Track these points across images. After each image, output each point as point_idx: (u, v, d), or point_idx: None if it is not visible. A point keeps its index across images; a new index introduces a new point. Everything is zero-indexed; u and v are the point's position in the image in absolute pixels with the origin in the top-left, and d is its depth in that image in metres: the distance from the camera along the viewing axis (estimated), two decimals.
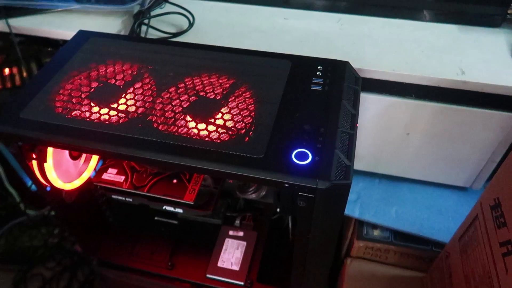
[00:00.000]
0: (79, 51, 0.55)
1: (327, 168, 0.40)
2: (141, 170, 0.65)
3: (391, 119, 0.68)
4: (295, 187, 0.40)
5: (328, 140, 0.43)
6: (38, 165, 0.53)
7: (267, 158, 0.41)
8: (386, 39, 0.65)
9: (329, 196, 0.40)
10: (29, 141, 0.47)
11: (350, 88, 0.49)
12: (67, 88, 0.50)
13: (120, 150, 0.43)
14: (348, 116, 0.46)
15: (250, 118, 0.45)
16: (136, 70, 0.52)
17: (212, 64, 0.53)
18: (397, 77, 0.61)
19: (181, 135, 0.44)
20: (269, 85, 0.49)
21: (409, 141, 0.71)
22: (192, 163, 0.41)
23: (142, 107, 0.47)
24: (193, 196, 0.62)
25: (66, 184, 0.58)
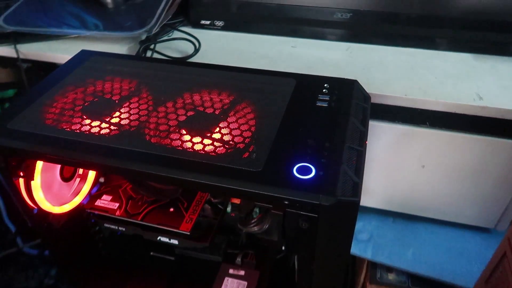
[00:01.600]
0: (79, 68, 0.54)
1: (332, 183, 0.36)
2: (136, 197, 0.62)
3: (405, 150, 0.64)
4: (296, 204, 0.35)
5: (334, 155, 0.39)
6: (25, 183, 0.50)
7: (266, 172, 0.37)
8: (397, 66, 0.63)
9: (335, 215, 0.36)
10: (14, 152, 0.44)
11: (359, 105, 0.46)
12: (60, 101, 0.48)
13: (107, 161, 0.40)
14: (356, 132, 0.43)
15: (249, 132, 0.42)
16: (134, 86, 0.50)
17: (213, 81, 0.50)
18: (409, 102, 0.57)
19: (174, 148, 0.41)
20: (271, 101, 0.46)
21: (424, 175, 0.66)
22: (182, 175, 0.38)
23: (136, 120, 0.45)
24: (190, 226, 0.57)
25: (54, 207, 0.54)
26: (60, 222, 0.56)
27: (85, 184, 0.60)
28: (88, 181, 0.60)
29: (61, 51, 0.69)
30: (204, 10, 0.73)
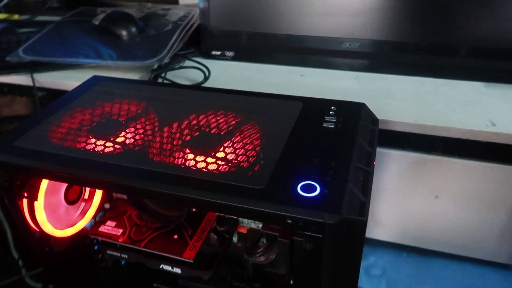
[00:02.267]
0: (89, 91, 0.55)
1: (337, 201, 0.34)
2: (141, 224, 0.60)
3: (417, 179, 0.62)
4: (299, 222, 0.34)
5: (339, 173, 0.37)
6: (28, 204, 0.49)
7: (269, 189, 0.36)
8: (407, 94, 0.62)
9: (341, 235, 0.34)
10: (18, 169, 0.44)
11: (366, 127, 0.45)
12: (68, 121, 0.48)
13: (110, 178, 0.39)
14: (363, 153, 0.41)
15: (253, 151, 0.41)
16: (142, 108, 0.51)
17: (220, 104, 0.50)
18: (420, 129, 0.56)
19: (177, 166, 0.40)
20: (277, 123, 0.46)
21: (438, 206, 0.63)
22: (184, 192, 0.37)
23: (141, 140, 0.44)
24: (194, 253, 0.55)
25: (56, 230, 0.53)
26: (62, 246, 0.54)
27: (90, 208, 0.59)
28: (93, 205, 0.60)
29: (75, 80, 0.71)
30: (215, 41, 0.75)
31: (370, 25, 0.67)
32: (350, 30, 0.67)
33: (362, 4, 0.66)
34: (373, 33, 0.66)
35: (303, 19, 0.69)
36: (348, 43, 0.68)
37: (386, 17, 0.66)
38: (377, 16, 0.66)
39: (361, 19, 0.67)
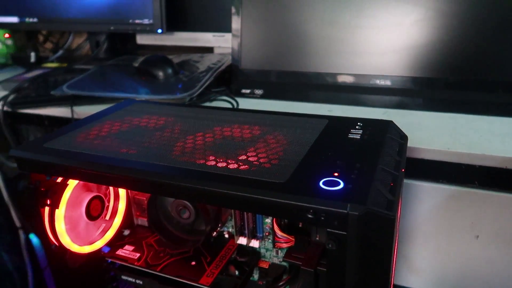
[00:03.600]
0: (120, 110, 0.57)
1: (362, 194, 0.32)
2: (159, 249, 0.58)
3: (453, 216, 0.58)
4: (321, 216, 0.32)
5: (365, 173, 0.35)
6: (49, 213, 0.49)
7: (290, 183, 0.34)
8: (438, 127, 0.61)
9: (366, 231, 0.31)
10: (45, 168, 0.44)
11: (394, 140, 0.44)
12: (97, 130, 0.50)
13: (131, 173, 0.39)
14: (391, 160, 0.40)
15: (276, 155, 0.40)
16: (170, 122, 0.52)
17: (245, 120, 0.51)
18: (453, 157, 0.54)
19: (199, 164, 0.39)
20: (301, 134, 0.45)
21: (479, 248, 0.58)
22: (202, 184, 0.36)
23: (165, 143, 0.45)
24: (211, 280, 0.52)
25: (74, 244, 0.52)
26: (77, 262, 0.53)
27: (110, 229, 0.58)
28: (113, 227, 0.59)
29: None
30: (245, 80, 0.78)
31: (399, 62, 0.68)
32: (378, 67, 0.68)
33: (391, 43, 0.68)
34: (402, 70, 0.67)
35: (331, 57, 0.71)
36: (377, 80, 0.68)
37: (415, 53, 0.67)
38: (405, 53, 0.67)
39: (390, 56, 0.68)
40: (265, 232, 0.58)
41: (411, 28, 0.67)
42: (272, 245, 0.57)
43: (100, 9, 0.98)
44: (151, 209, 0.54)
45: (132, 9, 0.95)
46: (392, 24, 0.68)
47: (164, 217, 0.56)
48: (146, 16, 0.94)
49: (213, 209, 0.53)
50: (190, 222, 0.55)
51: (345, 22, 0.70)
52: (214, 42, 0.96)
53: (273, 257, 0.60)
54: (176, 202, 0.54)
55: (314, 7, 0.72)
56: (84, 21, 1.00)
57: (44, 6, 1.02)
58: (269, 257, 0.60)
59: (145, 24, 0.95)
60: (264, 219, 0.57)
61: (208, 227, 0.54)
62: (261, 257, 0.61)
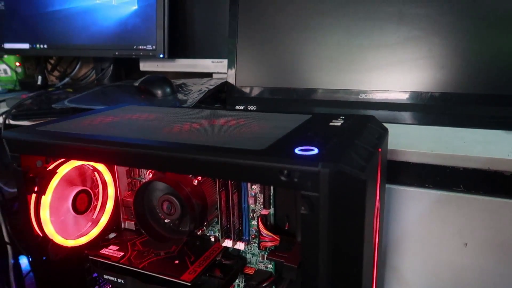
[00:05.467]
0: (116, 109, 0.59)
1: (335, 155, 0.33)
2: (143, 249, 0.58)
3: (441, 223, 0.57)
4: (294, 177, 0.32)
5: (341, 143, 0.37)
6: (36, 200, 0.50)
7: (267, 150, 0.35)
8: (422, 135, 0.62)
9: (338, 191, 0.32)
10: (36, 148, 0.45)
11: (374, 129, 0.45)
12: (89, 120, 0.51)
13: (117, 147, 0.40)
14: (369, 139, 0.41)
15: (257, 134, 0.42)
16: (161, 116, 0.53)
17: (233, 114, 0.53)
18: (436, 158, 0.54)
19: (180, 137, 0.41)
20: (284, 122, 0.47)
21: (469, 256, 0.57)
22: (180, 152, 0.37)
23: (152, 128, 0.46)
24: (192, 276, 0.51)
25: (57, 235, 0.52)
26: (58, 255, 0.52)
27: (103, 216, 0.58)
28: (106, 212, 0.59)
29: None
30: (239, 97, 0.80)
31: (387, 78, 0.71)
32: (366, 82, 0.71)
33: (376, 60, 0.71)
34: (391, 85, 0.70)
35: (321, 74, 0.74)
36: (363, 94, 0.71)
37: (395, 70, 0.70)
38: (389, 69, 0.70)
39: (375, 73, 0.71)
40: (251, 234, 0.57)
41: (400, 46, 0.71)
42: (258, 246, 0.57)
43: (106, 35, 1.04)
44: (138, 200, 0.55)
45: (137, 35, 1.01)
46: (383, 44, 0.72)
47: (149, 212, 0.56)
48: (150, 42, 1.00)
49: (199, 205, 0.54)
50: (175, 219, 0.55)
51: (336, 41, 0.74)
52: (213, 68, 1.01)
53: (259, 263, 0.59)
54: (163, 197, 0.54)
55: (306, 28, 0.76)
56: (90, 47, 1.06)
57: (54, 33, 1.09)
58: (255, 263, 0.59)
59: (148, 49, 1.00)
60: (250, 221, 0.57)
61: (193, 224, 0.54)
62: (246, 263, 0.60)
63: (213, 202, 0.56)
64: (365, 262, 0.37)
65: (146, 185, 0.54)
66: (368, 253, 0.38)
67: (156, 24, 0.98)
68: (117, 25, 1.02)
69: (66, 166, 0.52)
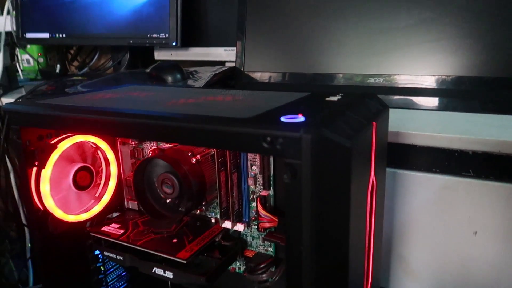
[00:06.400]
0: (119, 88, 0.60)
1: (319, 122, 0.32)
2: (144, 228, 0.58)
3: (449, 210, 0.55)
4: (277, 144, 0.31)
5: (330, 113, 0.35)
6: (36, 173, 0.50)
7: (253, 119, 0.35)
8: (431, 120, 0.60)
9: (321, 158, 0.30)
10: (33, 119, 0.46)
11: (373, 105, 0.43)
12: (90, 95, 0.52)
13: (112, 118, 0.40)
14: (364, 113, 0.39)
15: (249, 106, 0.41)
16: (160, 93, 0.53)
17: (232, 92, 0.52)
18: (444, 141, 0.52)
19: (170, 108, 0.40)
20: (280, 98, 0.45)
21: (479, 245, 0.54)
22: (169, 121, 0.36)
23: (149, 102, 0.46)
24: (188, 254, 0.51)
25: (57, 209, 0.52)
26: (58, 229, 0.53)
27: (105, 193, 0.59)
28: (108, 190, 0.59)
29: None
30: (247, 82, 0.80)
31: (393, 61, 0.68)
32: (374, 66, 0.69)
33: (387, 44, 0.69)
34: (394, 69, 0.67)
35: (329, 58, 0.73)
36: (372, 79, 0.69)
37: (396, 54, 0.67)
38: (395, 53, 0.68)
39: (385, 57, 0.69)
40: (251, 216, 0.56)
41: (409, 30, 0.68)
42: (257, 228, 0.56)
43: (122, 24, 1.05)
44: (137, 177, 0.55)
45: (151, 24, 1.02)
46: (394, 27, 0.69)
47: (149, 190, 0.56)
48: (163, 30, 1.00)
49: (196, 183, 0.53)
50: (174, 197, 0.55)
51: (345, 24, 0.72)
52: (225, 56, 1.00)
53: (259, 246, 0.58)
54: (162, 176, 0.54)
55: (315, 12, 0.75)
56: (106, 35, 1.08)
57: (72, 23, 1.11)
58: (255, 246, 0.58)
59: (161, 38, 1.01)
60: (251, 203, 0.56)
61: (190, 202, 0.53)
62: (247, 246, 0.59)
63: (212, 182, 0.55)
64: (354, 238, 0.35)
65: (146, 162, 0.54)
66: (358, 230, 0.37)
67: (169, 13, 0.98)
68: (132, 14, 1.03)
69: (66, 142, 0.52)
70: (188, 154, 0.54)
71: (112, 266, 0.66)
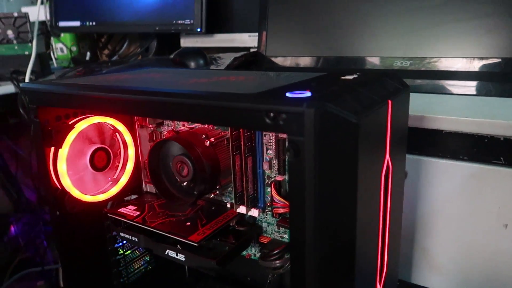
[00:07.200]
0: (138, 70, 0.60)
1: (325, 97, 0.30)
2: (159, 211, 0.58)
3: (477, 200, 0.51)
4: (279, 119, 0.30)
5: (340, 89, 0.33)
6: (54, 154, 0.51)
7: (258, 95, 0.33)
8: (460, 104, 0.56)
9: (326, 134, 0.28)
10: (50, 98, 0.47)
11: (391, 84, 0.40)
12: (107, 76, 0.52)
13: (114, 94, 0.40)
14: (379, 90, 0.37)
15: (259, 85, 0.39)
16: (173, 75, 0.53)
17: (248, 73, 0.50)
18: (472, 126, 0.48)
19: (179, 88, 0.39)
20: (294, 77, 0.44)
21: (508, 239, 0.50)
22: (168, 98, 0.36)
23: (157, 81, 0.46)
24: (200, 237, 0.51)
25: (74, 188, 0.53)
26: (75, 208, 0.54)
27: (123, 176, 0.60)
28: (126, 173, 0.60)
29: None
30: (269, 66, 0.78)
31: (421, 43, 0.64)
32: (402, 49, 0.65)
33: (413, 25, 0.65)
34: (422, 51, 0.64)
35: (353, 41, 0.70)
36: (399, 62, 0.65)
37: None
38: None
39: (412, 39, 0.65)
40: (266, 202, 0.55)
41: None
42: (271, 214, 0.54)
43: (148, 12, 1.06)
44: (152, 157, 0.55)
45: (176, 10, 1.02)
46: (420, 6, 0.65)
47: (164, 172, 0.56)
48: (188, 16, 1.00)
49: (210, 166, 0.52)
50: (188, 180, 0.54)
51: (370, 4, 0.69)
52: (250, 42, 0.99)
53: (274, 232, 0.57)
54: (176, 158, 0.54)
55: None
56: (134, 23, 1.09)
57: (102, 11, 1.13)
58: (271, 232, 0.57)
59: (186, 24, 1.01)
60: (266, 188, 0.55)
61: (203, 185, 0.53)
62: (262, 232, 0.58)
63: (227, 166, 0.54)
64: (363, 222, 0.33)
65: (160, 144, 0.54)
66: (368, 214, 0.35)
67: None
68: (158, 1, 1.04)
69: (84, 122, 0.53)
70: (202, 136, 0.53)
71: (130, 248, 0.66)
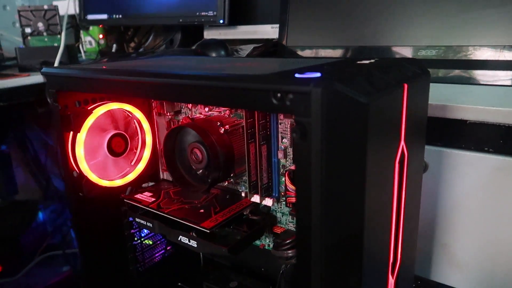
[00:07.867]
0: (162, 57, 0.60)
1: (334, 77, 0.29)
2: (174, 198, 0.58)
3: (502, 195, 0.49)
4: (286, 100, 0.29)
5: (352, 69, 0.32)
6: (72, 138, 0.52)
7: (268, 76, 0.32)
8: (487, 94, 0.53)
9: (334, 114, 0.27)
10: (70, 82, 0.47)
11: (409, 69, 0.39)
12: (122, 63, 0.53)
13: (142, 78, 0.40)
14: (394, 74, 0.35)
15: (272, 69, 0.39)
16: (189, 62, 0.53)
17: (265, 60, 0.50)
18: (500, 116, 0.46)
19: None
20: (310, 62, 0.43)
21: None
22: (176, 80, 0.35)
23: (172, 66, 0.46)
24: (212, 224, 0.50)
25: (91, 173, 0.54)
26: (92, 192, 0.55)
27: (140, 162, 0.61)
28: (143, 159, 0.61)
29: None
30: (290, 57, 0.77)
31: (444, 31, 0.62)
32: (424, 38, 0.63)
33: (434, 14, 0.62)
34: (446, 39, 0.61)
35: (374, 30, 0.68)
36: (423, 51, 0.63)
37: None
38: None
39: (435, 27, 0.62)
40: (281, 192, 0.54)
41: None
42: (285, 203, 0.54)
43: (173, 4, 1.07)
44: (167, 144, 0.55)
45: (199, 2, 1.02)
46: None
47: (179, 158, 0.56)
48: (211, 8, 1.00)
49: (223, 153, 0.52)
50: (203, 168, 0.54)
51: None
52: (272, 34, 0.98)
53: (288, 223, 0.56)
54: (191, 145, 0.54)
55: None
56: (158, 15, 1.10)
57: (128, 3, 1.15)
58: (285, 222, 0.56)
59: (209, 15, 1.01)
60: (281, 177, 0.54)
61: (216, 173, 0.52)
62: (276, 222, 0.57)
63: (241, 154, 0.54)
64: (372, 210, 0.32)
65: (175, 130, 0.54)
66: (379, 202, 0.33)
67: None
68: None
69: (102, 108, 0.54)
70: (217, 124, 0.53)
71: (147, 234, 0.67)
